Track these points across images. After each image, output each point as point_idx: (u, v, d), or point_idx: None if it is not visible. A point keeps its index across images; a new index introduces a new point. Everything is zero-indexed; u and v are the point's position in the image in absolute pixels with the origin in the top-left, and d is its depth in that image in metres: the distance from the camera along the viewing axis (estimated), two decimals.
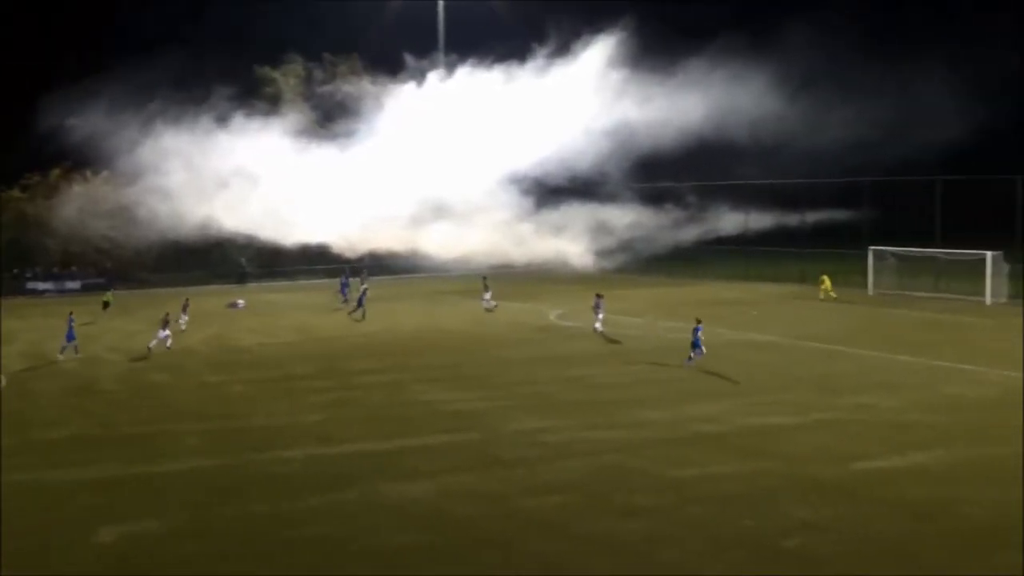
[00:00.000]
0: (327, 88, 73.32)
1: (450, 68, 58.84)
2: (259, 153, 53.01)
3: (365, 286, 60.61)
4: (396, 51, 64.77)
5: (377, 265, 75.14)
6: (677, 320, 54.69)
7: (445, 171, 53.11)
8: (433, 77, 58.95)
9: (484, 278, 62.86)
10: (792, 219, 75.87)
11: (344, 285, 66.00)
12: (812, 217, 75.29)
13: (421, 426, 32.10)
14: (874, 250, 67.65)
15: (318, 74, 78.75)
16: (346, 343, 49.60)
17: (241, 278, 79.27)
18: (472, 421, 32.66)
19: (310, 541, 22.08)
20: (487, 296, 61.15)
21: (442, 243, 54.97)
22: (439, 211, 54.49)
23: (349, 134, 56.78)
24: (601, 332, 50.72)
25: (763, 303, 63.28)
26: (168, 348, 46.76)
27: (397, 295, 67.81)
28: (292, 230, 54.44)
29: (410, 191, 52.69)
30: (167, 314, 48.61)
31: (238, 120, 54.49)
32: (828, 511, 23.47)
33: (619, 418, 32.58)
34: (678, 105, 53.66)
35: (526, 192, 56.14)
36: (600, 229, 59.77)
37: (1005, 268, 61.85)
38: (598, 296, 52.59)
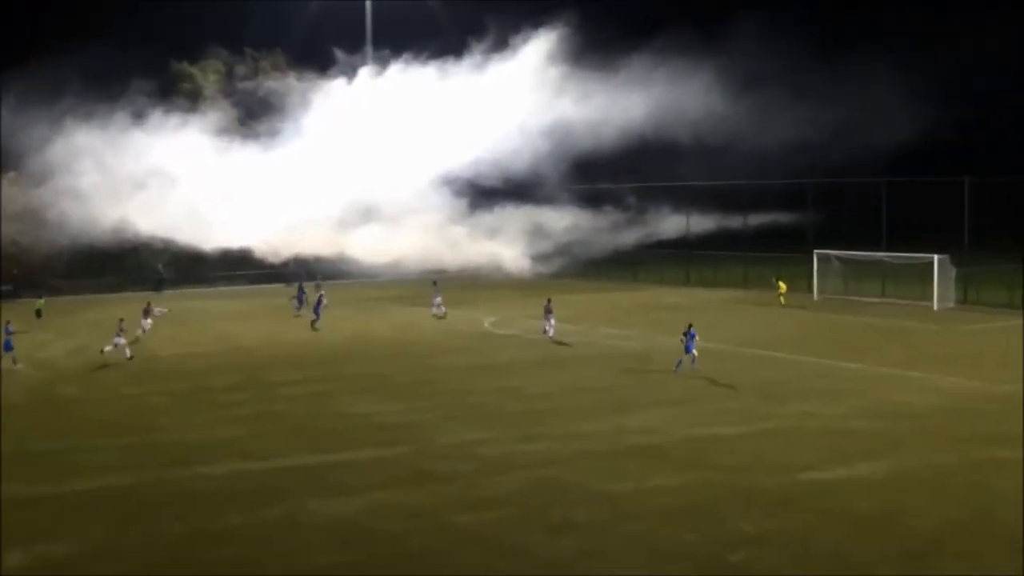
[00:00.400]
0: (249, 84, 72.84)
1: (383, 64, 58.67)
2: (177, 152, 52.43)
3: (321, 293, 59.89)
4: (325, 45, 64.52)
5: (302, 270, 74.36)
6: (617, 327, 55.02)
7: (375, 172, 52.89)
8: (364, 73, 58.77)
9: (434, 282, 62.38)
10: (735, 222, 76.60)
11: (302, 293, 64.81)
12: (755, 220, 75.94)
13: (349, 439, 31.95)
14: (819, 254, 68.34)
15: (240, 69, 78.21)
16: (270, 353, 49.24)
17: (158, 285, 78.34)
18: (403, 434, 32.57)
19: (230, 562, 21.87)
20: (437, 300, 60.82)
21: (371, 247, 54.71)
22: (368, 213, 54.24)
23: (273, 133, 56.44)
24: (551, 337, 51.05)
25: (705, 308, 63.72)
26: (129, 359, 46.26)
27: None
28: (212, 234, 53.88)
29: (337, 192, 52.38)
30: (122, 320, 47.83)
31: (155, 117, 53.90)
32: (773, 523, 23.70)
33: (556, 430, 32.67)
34: (619, 103, 53.95)
35: (459, 194, 56.08)
36: (536, 232, 59.85)
37: (952, 272, 62.65)
38: (549, 301, 52.80)
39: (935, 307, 61.26)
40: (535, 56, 53.12)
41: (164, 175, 51.96)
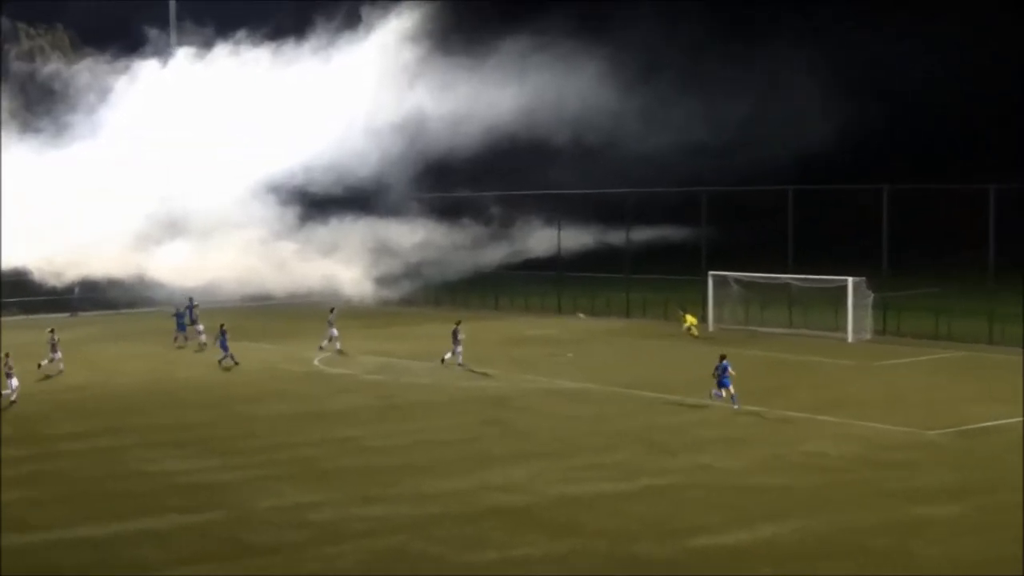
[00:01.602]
0: (24, 67, 71.44)
1: (207, 44, 58.03)
2: None
3: (222, 323, 57.95)
4: (131, 21, 63.58)
5: (89, 299, 73.21)
6: (474, 364, 54.99)
7: (184, 176, 52.41)
8: (182, 55, 58.19)
9: (332, 310, 60.51)
10: (616, 237, 77.36)
11: (181, 316, 63.34)
12: (640, 235, 76.77)
13: (148, 504, 31.38)
14: (714, 276, 69.01)
15: (11, 48, 76.61)
16: (48, 399, 48.13)
17: None
18: (215, 496, 32.14)
19: None
20: (334, 333, 59.56)
21: (178, 268, 54.14)
22: (175, 227, 53.66)
23: (59, 127, 55.48)
24: (458, 364, 52.57)
25: (580, 341, 64.19)
26: (13, 403, 45.57)
27: (116, 335, 66.25)
28: None
29: (138, 201, 51.75)
30: (7, 356, 46.77)
31: None
32: None
33: (402, 489, 32.53)
34: (485, 95, 54.19)
35: (286, 203, 55.76)
36: (381, 250, 59.84)
37: (870, 297, 63.62)
38: (458, 324, 53.80)
39: (850, 339, 62.35)
40: (389, 36, 53.10)
41: None
